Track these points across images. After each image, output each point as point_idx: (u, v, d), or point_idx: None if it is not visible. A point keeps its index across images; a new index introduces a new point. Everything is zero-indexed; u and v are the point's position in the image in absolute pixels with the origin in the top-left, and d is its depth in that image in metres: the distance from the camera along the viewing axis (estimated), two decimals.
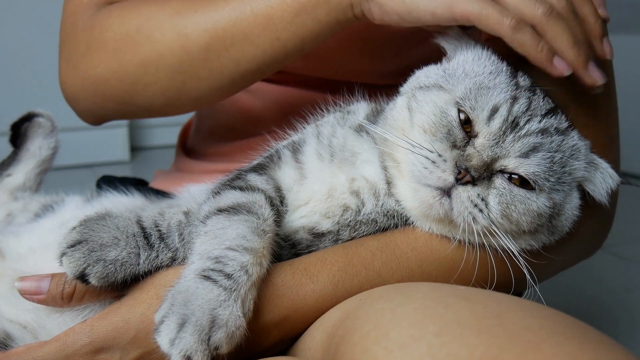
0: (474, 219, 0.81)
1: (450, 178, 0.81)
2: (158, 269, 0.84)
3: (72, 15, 1.14)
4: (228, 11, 0.99)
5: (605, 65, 1.01)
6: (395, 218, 0.89)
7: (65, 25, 1.15)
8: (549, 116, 0.85)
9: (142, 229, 0.83)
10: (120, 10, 1.08)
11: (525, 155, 0.82)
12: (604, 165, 0.89)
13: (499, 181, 0.82)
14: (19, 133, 1.30)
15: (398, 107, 0.90)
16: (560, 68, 0.84)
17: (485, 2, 0.83)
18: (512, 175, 0.82)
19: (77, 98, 1.15)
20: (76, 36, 1.11)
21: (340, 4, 0.93)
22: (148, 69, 1.04)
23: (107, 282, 0.80)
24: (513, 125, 0.82)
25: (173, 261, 0.84)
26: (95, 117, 1.19)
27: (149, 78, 1.05)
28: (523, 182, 0.82)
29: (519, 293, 0.89)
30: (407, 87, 0.93)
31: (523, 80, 0.87)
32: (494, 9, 0.83)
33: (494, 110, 0.83)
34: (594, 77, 0.86)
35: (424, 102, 0.87)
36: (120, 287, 0.83)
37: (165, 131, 3.74)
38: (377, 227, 0.89)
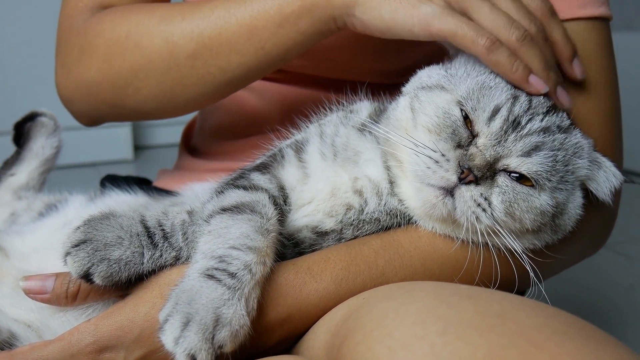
0: (477, 218, 0.81)
1: (453, 177, 0.81)
2: (162, 268, 0.84)
3: (67, 19, 1.16)
4: (214, 20, 1.00)
5: (607, 63, 1.02)
6: (399, 217, 0.89)
7: (61, 29, 1.17)
8: (551, 114, 0.85)
9: (146, 228, 0.84)
10: (112, 16, 1.10)
11: (527, 154, 0.82)
12: (607, 163, 0.89)
13: (502, 179, 0.82)
14: (22, 132, 1.30)
15: (401, 107, 0.90)
16: (537, 86, 0.85)
17: (461, 21, 0.85)
18: (512, 174, 0.82)
19: (71, 100, 1.17)
20: (71, 40, 1.13)
21: (322, 16, 0.94)
22: (138, 74, 1.06)
23: (111, 281, 0.80)
24: (514, 124, 0.83)
25: (177, 260, 0.84)
26: (90, 118, 1.21)
27: (139, 83, 1.06)
28: (526, 181, 0.82)
29: (522, 291, 0.89)
30: (409, 87, 0.93)
31: None
32: (469, 28, 0.84)
33: (495, 111, 0.83)
34: (562, 101, 0.88)
35: (426, 102, 0.87)
36: (125, 286, 0.83)
37: (169, 130, 3.75)
38: (380, 226, 0.89)
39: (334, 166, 0.92)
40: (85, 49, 1.10)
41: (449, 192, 0.82)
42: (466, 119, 0.84)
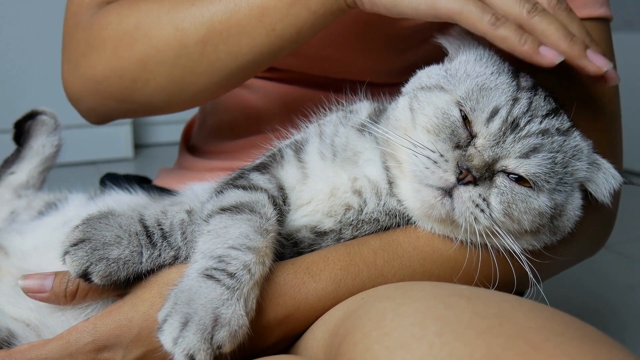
0: (475, 219, 0.81)
1: (451, 178, 0.81)
2: (161, 267, 0.84)
3: (73, 16, 1.15)
4: (224, 4, 0.99)
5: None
6: (397, 217, 0.89)
7: (67, 26, 1.16)
8: (550, 117, 0.85)
9: (145, 227, 0.84)
10: (119, 8, 1.08)
11: (526, 155, 0.81)
12: (606, 165, 0.89)
13: (501, 180, 0.82)
14: (22, 131, 1.30)
15: (400, 108, 0.90)
16: (550, 56, 0.81)
17: (467, 0, 0.83)
18: (511, 175, 0.82)
19: (79, 97, 1.15)
20: (77, 36, 1.12)
21: None
22: (147, 65, 1.04)
23: (110, 280, 0.80)
24: (513, 126, 0.82)
25: (175, 260, 0.84)
26: (98, 116, 1.19)
27: (148, 74, 1.05)
28: (524, 182, 0.82)
29: (521, 292, 0.89)
30: (408, 88, 0.93)
31: (525, 81, 0.87)
32: (475, 6, 0.83)
33: (494, 112, 0.83)
34: (597, 64, 0.82)
35: (425, 102, 0.87)
36: (123, 285, 0.83)
37: (169, 128, 3.75)
38: (379, 226, 0.89)
39: (333, 166, 0.92)
40: (92, 43, 1.09)
41: (448, 192, 0.81)
42: (465, 119, 0.84)
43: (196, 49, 1.01)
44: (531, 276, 0.83)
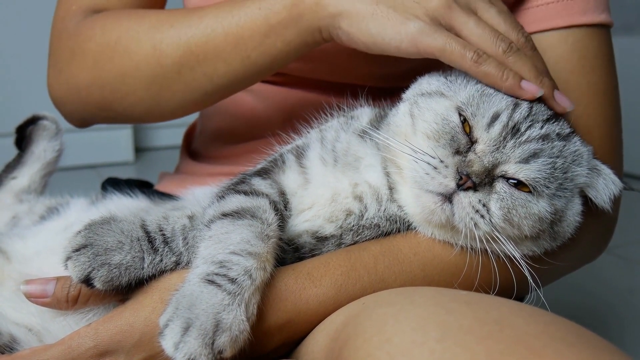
0: (475, 224, 0.81)
1: (451, 184, 0.81)
2: (162, 272, 0.84)
3: (60, 21, 1.17)
4: (201, 28, 1.01)
5: (608, 70, 1.02)
6: (398, 223, 0.90)
7: (54, 31, 1.19)
8: (551, 122, 0.85)
9: (147, 233, 0.84)
10: (103, 20, 1.10)
11: (525, 161, 0.82)
12: (606, 171, 0.89)
13: (500, 186, 0.82)
14: (24, 136, 1.31)
15: (401, 114, 0.90)
16: (531, 90, 0.84)
17: (449, 37, 0.85)
18: (511, 180, 0.82)
19: (62, 102, 1.18)
20: (62, 43, 1.15)
21: (309, 27, 0.95)
22: (126, 79, 1.07)
23: (112, 285, 0.80)
24: (514, 131, 0.83)
25: (177, 265, 0.84)
26: (80, 119, 1.22)
27: (127, 88, 1.07)
28: (524, 187, 0.82)
29: (521, 297, 0.90)
30: (409, 94, 0.94)
31: None
32: (457, 43, 0.84)
33: (495, 117, 0.83)
34: (562, 104, 0.87)
35: (426, 109, 0.87)
36: (125, 290, 0.83)
37: (170, 132, 3.75)
38: (380, 232, 0.90)
39: (335, 172, 0.92)
40: (76, 52, 1.11)
41: (448, 198, 0.82)
42: (465, 124, 0.85)
43: (173, 69, 1.03)
44: (531, 281, 0.84)
